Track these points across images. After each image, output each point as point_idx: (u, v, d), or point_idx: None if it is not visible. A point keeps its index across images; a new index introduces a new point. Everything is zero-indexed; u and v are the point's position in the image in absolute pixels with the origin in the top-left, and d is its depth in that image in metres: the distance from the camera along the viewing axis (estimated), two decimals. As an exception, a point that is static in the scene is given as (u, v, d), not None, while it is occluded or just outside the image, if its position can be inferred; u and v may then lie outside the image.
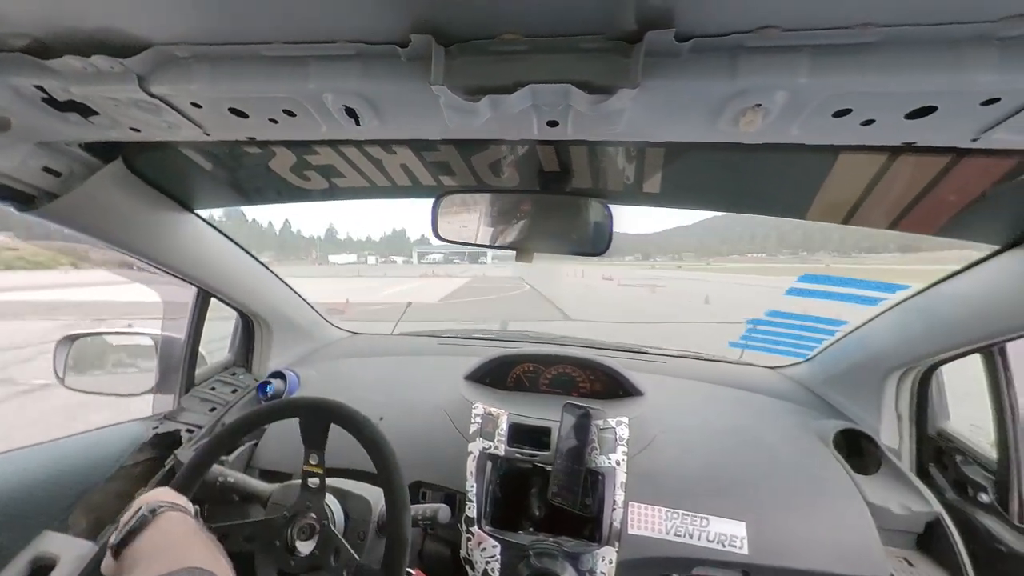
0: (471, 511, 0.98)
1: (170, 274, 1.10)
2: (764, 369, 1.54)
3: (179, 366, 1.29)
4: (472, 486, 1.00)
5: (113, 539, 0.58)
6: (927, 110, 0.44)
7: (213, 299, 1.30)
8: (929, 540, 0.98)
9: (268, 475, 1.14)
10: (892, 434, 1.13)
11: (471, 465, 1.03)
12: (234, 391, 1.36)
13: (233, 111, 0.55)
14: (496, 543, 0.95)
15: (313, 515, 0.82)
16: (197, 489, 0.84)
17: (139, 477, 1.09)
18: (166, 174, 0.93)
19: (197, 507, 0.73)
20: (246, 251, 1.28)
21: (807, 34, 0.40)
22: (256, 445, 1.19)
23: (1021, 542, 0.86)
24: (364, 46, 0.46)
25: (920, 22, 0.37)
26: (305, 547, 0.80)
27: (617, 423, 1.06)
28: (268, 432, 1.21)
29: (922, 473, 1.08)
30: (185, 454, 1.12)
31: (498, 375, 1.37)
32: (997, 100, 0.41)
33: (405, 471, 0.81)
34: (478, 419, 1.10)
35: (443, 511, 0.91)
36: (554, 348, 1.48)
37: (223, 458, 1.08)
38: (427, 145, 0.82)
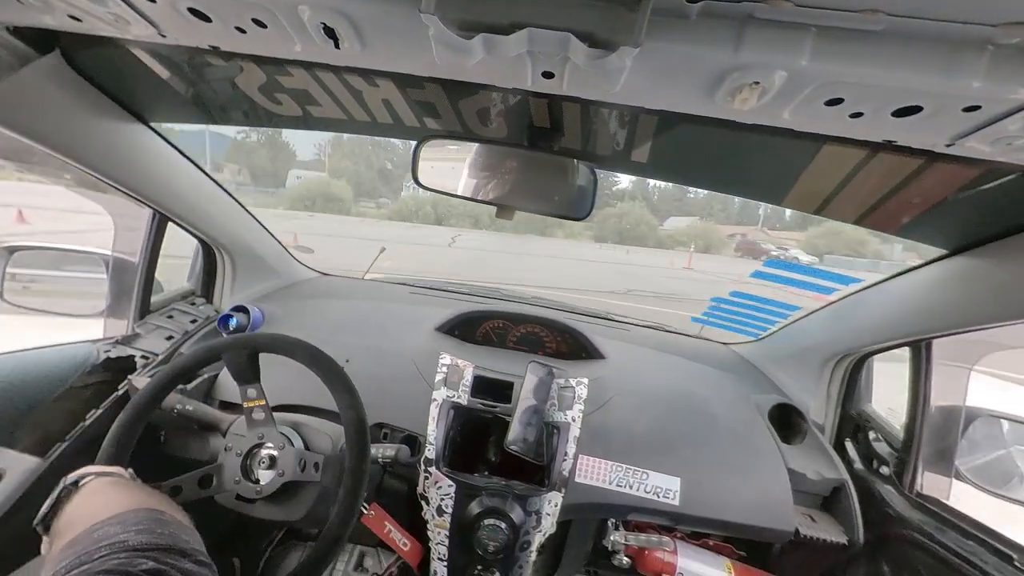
0: (430, 453, 1.03)
1: (119, 190, 1.01)
2: (718, 344, 1.64)
3: (132, 290, 1.23)
4: (433, 431, 1.04)
5: (36, 519, 0.54)
6: (913, 109, 0.44)
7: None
8: (833, 502, 1.12)
9: (228, 407, 1.14)
10: (820, 411, 1.25)
11: (433, 411, 1.07)
12: (193, 321, 1.32)
13: (194, 12, 0.49)
14: (452, 483, 1.00)
15: (270, 444, 0.84)
16: (155, 415, 0.84)
17: (89, 399, 1.06)
18: (115, 77, 0.83)
19: (131, 470, 0.70)
20: (209, 176, 1.19)
21: (817, 13, 0.39)
22: (216, 377, 1.17)
23: (907, 507, 1.00)
24: None
25: (925, 16, 0.37)
26: (266, 475, 0.83)
27: (577, 383, 1.12)
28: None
29: (839, 446, 1.21)
30: (140, 380, 1.10)
31: (468, 329, 1.39)
32: (978, 108, 0.42)
33: (368, 411, 0.83)
34: (444, 369, 1.13)
35: (403, 451, 0.95)
36: (525, 307, 1.50)
37: (181, 386, 1.06)
38: (412, 81, 0.77)
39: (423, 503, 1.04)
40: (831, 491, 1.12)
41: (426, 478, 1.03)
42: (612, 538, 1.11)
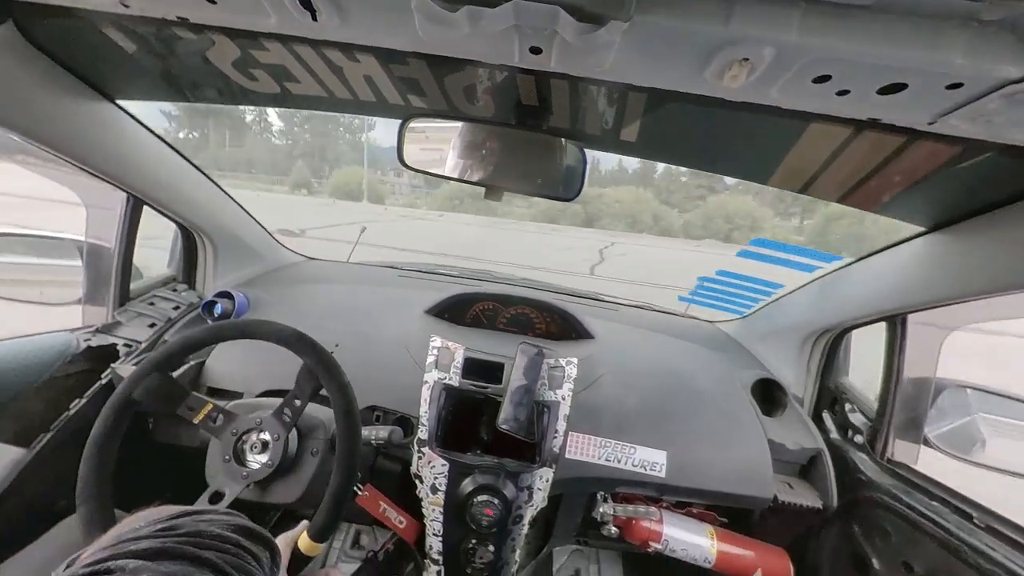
0: (423, 434, 1.04)
1: (86, 171, 0.97)
2: (705, 323, 1.68)
3: (110, 277, 1.19)
4: (425, 412, 1.06)
5: None
6: (898, 87, 0.45)
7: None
8: (810, 469, 1.18)
9: (216, 393, 1.13)
10: (800, 385, 1.30)
11: (425, 393, 1.08)
12: (176, 308, 1.29)
13: None
14: (445, 462, 1.02)
15: (263, 429, 0.84)
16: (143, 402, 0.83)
17: (73, 388, 1.04)
18: (76, 51, 0.78)
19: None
20: (185, 157, 1.14)
21: None
22: (203, 364, 1.16)
23: (878, 472, 1.06)
24: None
25: None
26: (259, 459, 0.83)
27: (567, 363, 1.14)
28: (216, 351, 1.18)
29: (817, 417, 1.26)
30: (124, 368, 1.08)
31: (458, 311, 1.39)
32: (960, 85, 0.42)
33: (359, 395, 0.83)
34: (435, 351, 1.13)
35: (396, 432, 0.96)
36: (515, 289, 1.51)
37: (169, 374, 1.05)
38: (395, 57, 0.74)
39: (417, 482, 1.06)
40: (808, 460, 1.18)
41: (419, 458, 1.04)
42: (601, 510, 1.15)
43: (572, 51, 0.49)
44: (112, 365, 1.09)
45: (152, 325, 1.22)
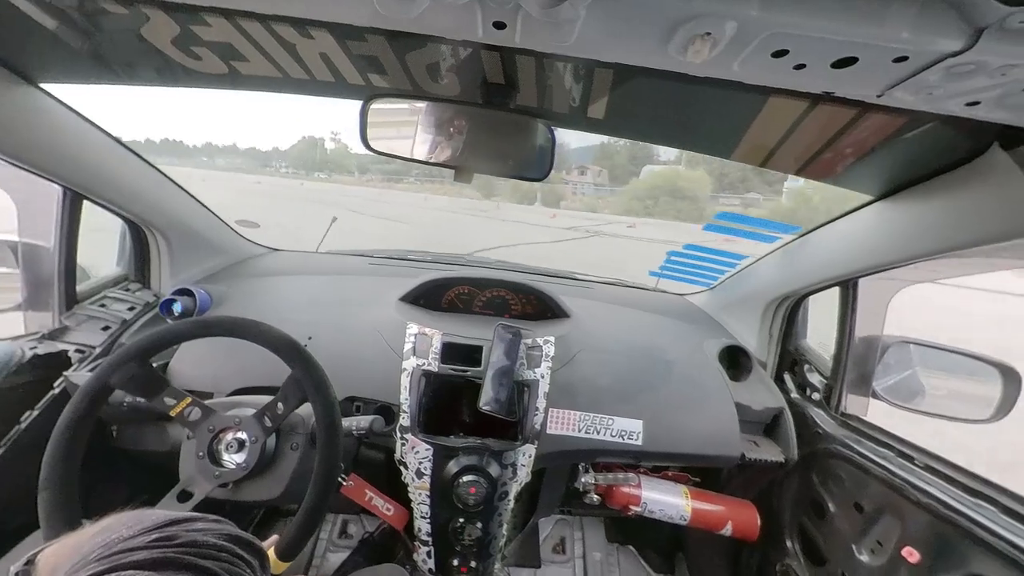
0: (405, 420, 1.04)
1: (11, 163, 0.88)
2: (674, 296, 1.74)
3: (52, 279, 1.10)
4: (406, 399, 1.05)
5: None
6: (850, 60, 0.46)
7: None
8: (773, 427, 1.26)
9: None
10: (763, 350, 1.38)
11: (405, 380, 1.07)
12: (131, 308, 1.22)
13: None
14: (429, 446, 1.03)
15: (237, 427, 0.82)
16: (103, 412, 0.78)
17: (23, 400, 0.97)
18: (-14, 28, 0.70)
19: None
20: (126, 146, 1.06)
21: None
22: (167, 365, 1.11)
23: (833, 426, 1.15)
24: None
25: None
26: (233, 460, 0.81)
27: (544, 342, 1.16)
28: (181, 351, 1.13)
29: (779, 379, 1.35)
30: (79, 375, 1.01)
31: (433, 297, 1.38)
32: (906, 59, 0.44)
33: (337, 387, 0.82)
34: (412, 338, 1.12)
35: (377, 421, 0.96)
36: (489, 272, 1.50)
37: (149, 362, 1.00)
38: (352, 32, 0.70)
39: (402, 468, 1.06)
40: (772, 418, 1.26)
41: (403, 444, 1.05)
42: (583, 480, 1.20)
43: (537, 25, 0.48)
44: (65, 373, 1.03)
45: (106, 328, 1.15)
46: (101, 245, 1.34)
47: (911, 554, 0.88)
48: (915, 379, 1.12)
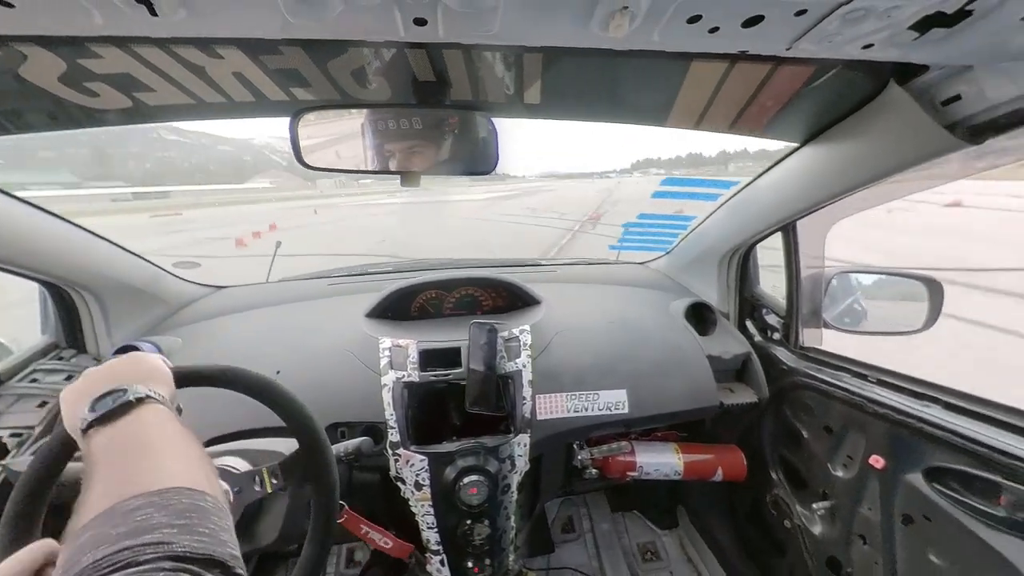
0: (394, 436, 1.02)
1: None
2: (635, 265, 1.80)
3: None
4: (392, 414, 1.03)
5: (85, 415, 0.46)
6: (757, 19, 0.49)
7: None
8: (744, 372, 1.35)
9: None
10: (724, 302, 1.46)
11: (387, 396, 1.05)
12: (68, 377, 1.11)
13: None
14: (423, 457, 1.02)
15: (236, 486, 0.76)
16: (54, 495, 0.71)
17: None
18: None
19: (180, 407, 0.61)
20: (26, 202, 0.95)
21: None
22: None
23: (794, 360, 1.24)
24: None
25: None
26: None
27: (520, 332, 1.16)
28: None
29: (742, 326, 1.43)
30: (20, 462, 0.91)
31: (400, 307, 1.35)
32: (805, 11, 0.48)
33: (318, 416, 0.79)
34: (387, 352, 1.10)
35: (365, 443, 0.93)
36: (454, 272, 1.49)
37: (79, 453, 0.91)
38: (265, 46, 0.66)
39: (399, 484, 1.04)
40: (741, 364, 1.34)
41: (396, 460, 1.03)
42: (580, 457, 1.23)
43: (458, 18, 0.47)
44: (2, 462, 0.92)
45: (43, 404, 1.04)
46: (24, 320, 1.20)
47: (877, 461, 0.97)
48: (858, 303, 1.22)
